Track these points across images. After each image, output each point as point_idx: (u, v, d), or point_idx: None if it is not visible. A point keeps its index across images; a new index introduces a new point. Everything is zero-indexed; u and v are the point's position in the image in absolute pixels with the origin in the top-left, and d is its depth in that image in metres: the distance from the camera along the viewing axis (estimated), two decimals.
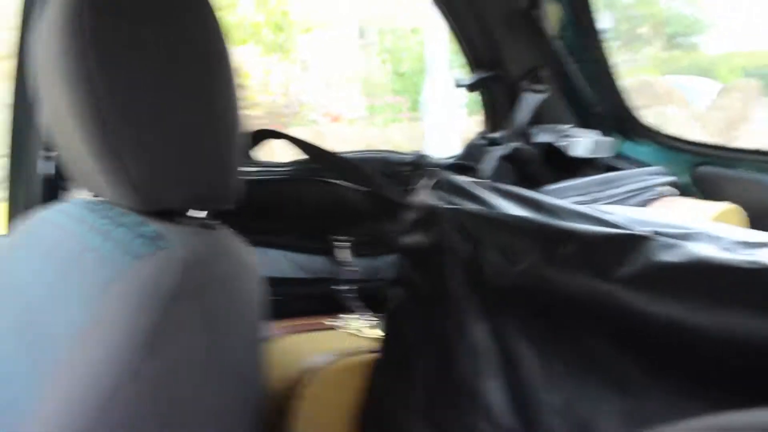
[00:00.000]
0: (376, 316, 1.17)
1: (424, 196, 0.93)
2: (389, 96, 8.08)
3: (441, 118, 4.87)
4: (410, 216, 0.94)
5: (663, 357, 0.73)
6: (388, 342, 0.94)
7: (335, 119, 7.65)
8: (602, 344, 0.77)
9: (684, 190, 2.12)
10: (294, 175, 1.48)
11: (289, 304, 1.18)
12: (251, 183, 0.85)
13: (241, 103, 0.75)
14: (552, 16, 2.02)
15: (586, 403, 0.76)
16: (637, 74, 10.34)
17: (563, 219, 0.97)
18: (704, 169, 2.17)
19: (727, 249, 0.98)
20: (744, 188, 2.09)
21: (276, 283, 0.86)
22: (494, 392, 0.81)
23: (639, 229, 0.84)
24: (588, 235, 0.80)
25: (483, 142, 1.63)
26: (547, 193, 1.73)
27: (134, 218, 0.73)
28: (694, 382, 0.70)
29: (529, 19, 1.95)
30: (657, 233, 1.01)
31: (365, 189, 1.42)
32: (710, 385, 0.70)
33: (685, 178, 2.17)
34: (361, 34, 10.11)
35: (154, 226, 0.71)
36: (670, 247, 0.76)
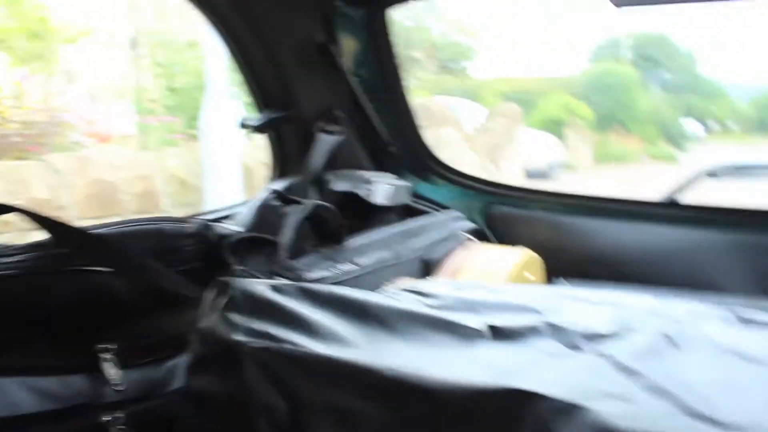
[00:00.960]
0: None
1: (215, 318, 0.70)
2: (162, 115, 7.57)
3: (220, 141, 4.59)
4: (197, 348, 0.70)
5: None
6: None
7: (103, 140, 7.02)
8: None
9: (479, 232, 2.09)
10: (31, 266, 1.07)
11: None
12: None
13: None
14: (348, 51, 1.88)
15: None
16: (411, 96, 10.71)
17: (401, 332, 0.80)
18: (497, 209, 2.17)
19: (573, 346, 0.88)
20: (534, 228, 2.11)
21: (11, 426, 0.60)
22: None
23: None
24: (453, 390, 0.63)
25: (276, 203, 1.41)
26: (350, 251, 1.57)
27: None
28: None
29: (324, 55, 1.78)
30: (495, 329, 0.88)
31: (132, 277, 1.09)
32: None
33: (479, 219, 2.15)
34: (133, 46, 9.46)
35: None
36: (567, 413, 0.60)
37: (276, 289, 0.75)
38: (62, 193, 3.89)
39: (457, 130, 8.24)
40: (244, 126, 1.78)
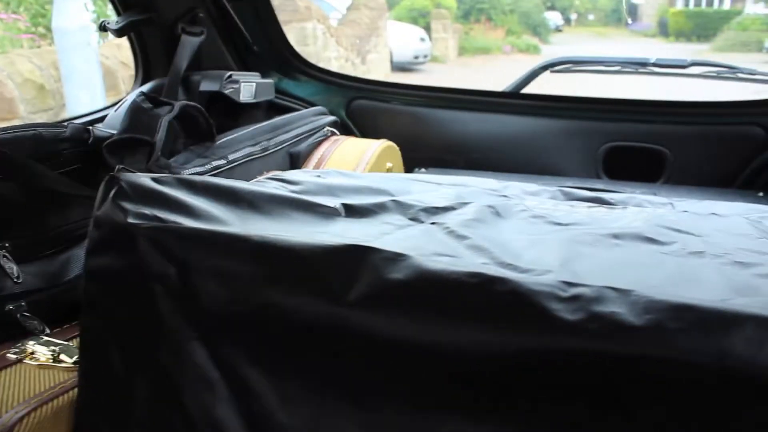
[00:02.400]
0: (64, 335, 1.02)
1: (108, 206, 0.80)
2: (2, 11, 7.03)
3: (76, 42, 4.39)
4: (94, 234, 0.81)
5: (398, 373, 0.75)
6: (89, 377, 0.83)
7: None
8: (338, 365, 0.76)
9: (343, 126, 2.23)
10: None
11: None
12: None
13: None
14: None
15: (326, 420, 0.75)
16: None
17: (267, 211, 0.93)
18: (359, 103, 2.30)
19: (414, 218, 1.04)
20: (394, 120, 2.26)
21: None
22: (230, 420, 0.76)
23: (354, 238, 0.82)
24: (306, 249, 0.77)
25: (146, 105, 1.47)
26: (220, 147, 1.67)
27: None
28: (426, 395, 0.74)
29: None
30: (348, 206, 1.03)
31: (17, 180, 1.16)
32: (442, 396, 0.73)
33: (342, 113, 2.28)
34: None
35: None
36: (395, 260, 0.75)
37: (158, 181, 0.86)
38: None
39: (321, 23, 8.19)
40: (103, 29, 1.78)
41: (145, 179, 0.84)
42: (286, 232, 0.82)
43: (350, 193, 1.14)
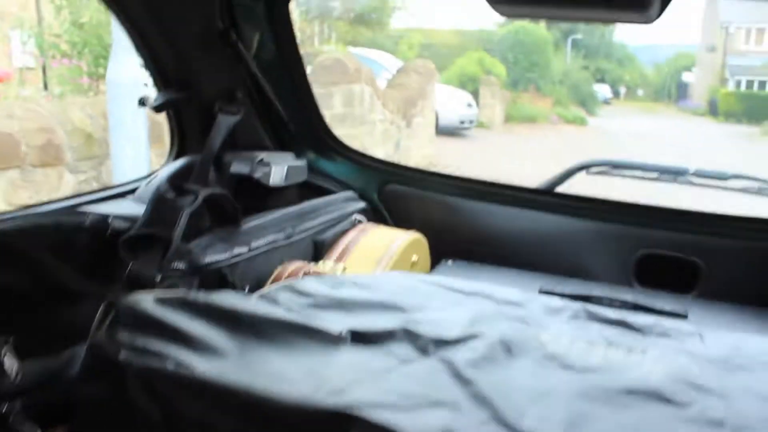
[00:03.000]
0: None
1: (103, 335, 0.79)
2: (66, 53, 7.25)
3: (128, 93, 4.49)
4: (87, 360, 0.79)
5: None
6: None
7: (1, 79, 6.72)
8: None
9: (373, 209, 2.21)
10: None
11: None
12: None
13: None
14: (249, 35, 1.93)
15: None
16: (327, 47, 10.67)
17: (270, 338, 0.90)
18: (391, 188, 2.29)
19: (423, 350, 1.00)
20: (427, 208, 2.24)
21: None
22: None
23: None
24: (294, 409, 0.74)
25: (170, 195, 1.47)
26: (245, 234, 1.66)
27: None
28: None
29: (224, 40, 1.83)
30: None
31: (28, 273, 1.15)
32: None
33: (375, 197, 2.26)
34: None
35: None
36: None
37: (161, 301, 0.84)
38: None
39: (369, 86, 8.29)
40: (142, 104, 1.81)
41: (147, 303, 0.82)
42: (288, 367, 0.79)
43: (361, 310, 1.11)
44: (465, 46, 18.71)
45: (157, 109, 1.79)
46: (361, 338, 1.00)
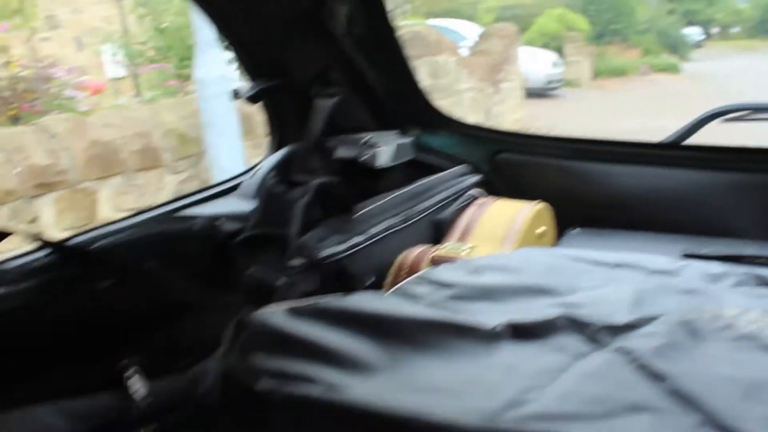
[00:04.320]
0: None
1: (237, 360, 0.68)
2: (152, 59, 7.39)
3: (216, 90, 4.50)
4: (222, 389, 0.69)
5: None
6: None
7: (96, 91, 6.88)
8: None
9: (487, 181, 2.07)
10: (38, 289, 1.02)
11: None
12: None
13: None
14: (339, 11, 1.81)
15: None
16: (404, 21, 10.50)
17: (420, 343, 0.78)
18: (503, 156, 2.13)
19: (594, 340, 0.86)
20: (542, 174, 2.08)
21: None
22: None
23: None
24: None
25: (279, 189, 1.37)
26: (359, 221, 1.55)
27: None
28: None
29: (314, 19, 1.72)
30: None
31: (140, 288, 1.07)
32: None
33: (486, 167, 2.12)
34: None
35: None
36: None
37: (294, 313, 0.74)
38: (62, 157, 3.84)
39: (452, 56, 8.09)
40: (237, 96, 1.73)
41: (278, 318, 0.71)
42: (441, 377, 0.66)
43: (510, 297, 0.98)
44: (543, 4, 18.10)
45: (252, 99, 1.70)
46: (520, 332, 0.86)
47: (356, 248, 1.50)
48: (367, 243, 1.54)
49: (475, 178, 1.96)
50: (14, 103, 5.60)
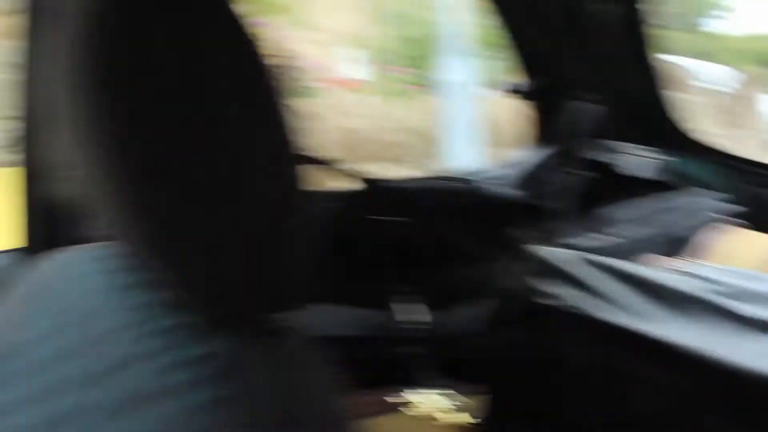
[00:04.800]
0: (455, 390, 1.03)
1: (517, 280, 0.79)
2: (397, 65, 7.81)
3: (458, 96, 4.72)
4: (503, 307, 0.80)
5: None
6: None
7: (343, 86, 7.37)
8: None
9: (736, 213, 2.01)
10: (348, 211, 1.22)
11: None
12: None
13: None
14: (603, 17, 1.88)
15: None
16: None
17: (689, 313, 0.84)
18: (756, 190, 2.06)
19: None
20: None
21: (339, 343, 0.72)
22: None
23: None
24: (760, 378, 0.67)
25: (542, 171, 1.48)
26: (606, 222, 1.62)
27: None
28: None
29: (589, 22, 1.80)
30: None
31: (428, 230, 1.22)
32: None
33: (736, 200, 2.06)
34: None
35: None
36: None
37: (563, 257, 0.83)
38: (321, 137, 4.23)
39: (686, 94, 7.72)
40: (514, 92, 1.85)
41: (552, 254, 0.82)
42: (721, 347, 0.72)
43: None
44: None
45: (527, 96, 1.82)
46: None
47: (598, 246, 1.57)
48: (608, 245, 1.60)
49: (720, 205, 1.94)
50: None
